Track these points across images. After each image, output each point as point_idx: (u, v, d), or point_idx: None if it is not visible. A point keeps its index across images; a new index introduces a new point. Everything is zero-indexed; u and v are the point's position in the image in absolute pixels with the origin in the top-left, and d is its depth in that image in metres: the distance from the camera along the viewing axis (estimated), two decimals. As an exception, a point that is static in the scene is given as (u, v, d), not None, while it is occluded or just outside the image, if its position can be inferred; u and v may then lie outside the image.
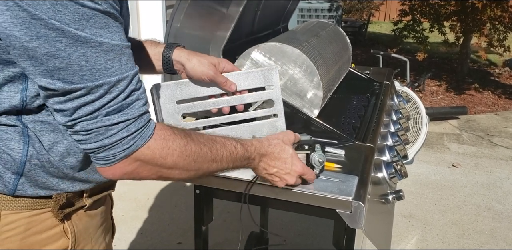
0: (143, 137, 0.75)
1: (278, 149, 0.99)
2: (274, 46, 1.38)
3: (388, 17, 10.97)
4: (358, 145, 1.32)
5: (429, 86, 5.87)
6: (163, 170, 0.80)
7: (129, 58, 0.73)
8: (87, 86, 0.69)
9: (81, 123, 0.72)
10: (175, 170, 0.81)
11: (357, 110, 1.61)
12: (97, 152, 0.74)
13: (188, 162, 0.81)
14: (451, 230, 2.77)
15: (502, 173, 3.56)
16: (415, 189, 3.27)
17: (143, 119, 0.75)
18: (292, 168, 1.00)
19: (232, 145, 0.89)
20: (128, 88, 0.73)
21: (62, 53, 0.66)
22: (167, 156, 0.78)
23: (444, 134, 4.40)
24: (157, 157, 0.77)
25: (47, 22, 0.64)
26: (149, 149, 0.76)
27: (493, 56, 7.04)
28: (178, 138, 0.79)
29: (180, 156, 0.79)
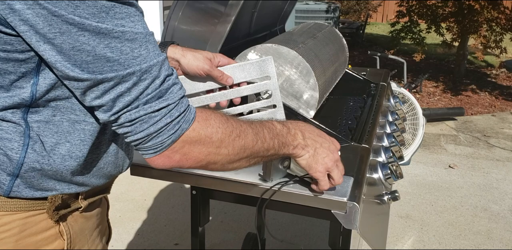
0: (187, 120, 0.75)
1: (308, 125, 0.99)
2: (271, 48, 1.39)
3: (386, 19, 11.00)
4: (353, 146, 1.32)
5: (426, 88, 5.88)
6: (211, 151, 0.78)
7: (155, 45, 0.73)
8: (118, 75, 0.69)
9: (124, 115, 0.72)
10: (223, 148, 0.79)
11: (353, 112, 1.62)
12: (144, 141, 0.74)
13: (233, 137, 0.80)
14: (447, 230, 2.78)
15: (498, 174, 3.58)
16: (412, 190, 3.28)
17: (183, 103, 0.75)
18: (333, 142, 0.99)
19: (268, 121, 0.89)
20: (162, 74, 0.73)
21: (87, 46, 0.67)
22: (212, 134, 0.77)
23: (441, 135, 4.42)
24: (203, 137, 0.77)
25: (67, 18, 0.65)
26: (195, 131, 0.76)
27: (490, 58, 7.07)
28: (219, 116, 0.79)
29: (224, 132, 0.78)
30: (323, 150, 0.96)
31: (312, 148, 0.95)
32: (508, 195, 3.24)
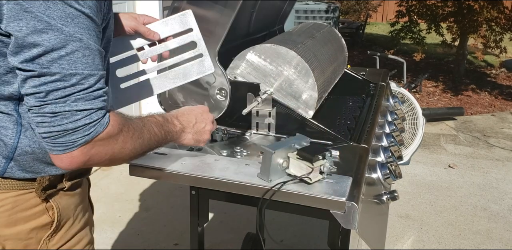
0: (102, 124, 0.83)
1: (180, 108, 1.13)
2: (269, 48, 1.39)
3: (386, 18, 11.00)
4: (352, 146, 1.33)
5: (426, 87, 5.88)
6: (116, 151, 0.87)
7: (101, 61, 0.83)
8: (62, 73, 0.78)
9: (50, 106, 0.79)
10: (126, 148, 0.89)
11: (352, 111, 1.62)
12: (58, 136, 0.80)
13: (134, 139, 0.90)
14: (447, 230, 2.78)
15: (498, 173, 3.58)
16: (411, 190, 3.28)
17: (103, 111, 0.84)
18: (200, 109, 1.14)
19: (149, 115, 1.01)
20: (97, 85, 0.82)
21: (47, 43, 0.77)
22: (118, 137, 0.87)
23: (440, 135, 4.42)
24: (113, 139, 0.86)
25: (37, 15, 0.75)
26: (108, 133, 0.84)
27: (490, 57, 7.06)
28: (123, 121, 0.89)
29: (127, 134, 0.88)
30: (200, 123, 1.11)
31: (190, 126, 1.09)
32: (508, 194, 3.24)
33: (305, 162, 1.06)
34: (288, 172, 1.11)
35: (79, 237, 1.06)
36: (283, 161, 1.10)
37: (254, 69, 1.41)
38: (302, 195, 1.06)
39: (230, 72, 1.43)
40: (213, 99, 1.40)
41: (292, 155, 1.10)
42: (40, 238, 0.98)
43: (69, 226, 1.03)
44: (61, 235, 1.01)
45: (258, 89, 1.36)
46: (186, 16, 1.20)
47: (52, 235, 0.99)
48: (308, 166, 1.06)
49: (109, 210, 2.86)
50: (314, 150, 1.08)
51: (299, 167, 1.08)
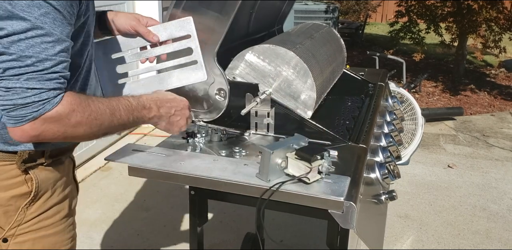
0: (51, 103, 0.90)
1: (163, 93, 1.18)
2: (268, 48, 1.39)
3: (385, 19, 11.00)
4: (351, 146, 1.33)
5: (425, 87, 5.89)
6: (68, 129, 0.94)
7: (63, 49, 0.91)
8: (18, 54, 0.86)
9: (5, 81, 0.87)
10: (80, 128, 0.95)
11: (351, 112, 1.62)
12: (10, 109, 0.89)
13: (90, 120, 0.96)
14: (446, 230, 2.79)
15: (497, 173, 3.58)
16: (410, 190, 3.28)
17: (56, 92, 0.90)
18: (182, 102, 1.19)
19: (125, 98, 1.05)
20: (53, 69, 0.89)
21: (9, 27, 0.85)
22: (71, 117, 0.93)
23: (440, 135, 4.42)
24: (63, 118, 0.92)
25: (2, 4, 0.85)
26: (57, 112, 0.91)
27: (489, 57, 7.07)
28: (81, 102, 0.95)
29: (83, 115, 0.94)
30: (176, 116, 1.17)
31: (166, 116, 1.15)
32: (507, 194, 3.24)
33: (304, 162, 1.07)
34: (286, 172, 1.11)
35: (57, 209, 1.14)
36: (281, 161, 1.10)
37: (253, 70, 1.42)
38: (301, 195, 1.06)
39: (229, 72, 1.43)
40: (212, 100, 1.41)
41: (290, 155, 1.10)
42: (19, 205, 1.06)
43: (47, 197, 1.11)
44: (39, 205, 1.09)
45: (257, 89, 1.37)
46: (186, 22, 1.24)
47: (30, 204, 1.07)
48: (306, 166, 1.06)
49: (109, 210, 2.86)
50: (312, 150, 1.09)
51: (297, 167, 1.09)
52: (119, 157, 1.24)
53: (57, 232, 1.14)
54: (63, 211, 1.16)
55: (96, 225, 2.70)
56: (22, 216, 1.07)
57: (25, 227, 1.08)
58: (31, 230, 1.09)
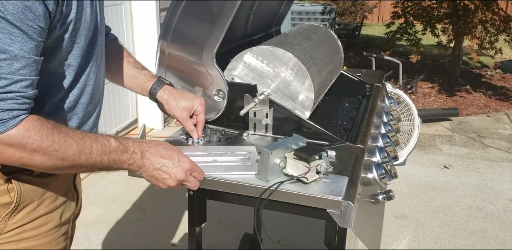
0: (5, 126, 0.85)
1: (162, 147, 1.06)
2: (266, 50, 1.40)
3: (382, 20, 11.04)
4: (348, 146, 1.34)
5: (422, 88, 5.91)
6: (24, 156, 0.89)
7: (24, 66, 0.85)
8: None
9: None
10: (36, 156, 0.89)
11: (348, 112, 1.63)
12: None
13: (50, 151, 0.90)
14: (443, 230, 2.80)
15: (493, 174, 3.60)
16: (407, 190, 3.30)
17: (12, 113, 0.85)
18: (180, 164, 1.04)
19: (105, 138, 0.98)
20: (8, 88, 0.84)
21: None
22: (26, 144, 0.87)
23: (436, 136, 4.44)
24: (16, 143, 0.86)
25: None
26: (9, 136, 0.85)
27: (485, 58, 7.10)
28: (43, 129, 0.89)
29: (41, 145, 0.88)
30: (162, 173, 1.04)
31: (148, 169, 1.04)
32: (503, 194, 3.26)
33: (302, 162, 1.08)
34: (285, 172, 1.13)
35: (44, 220, 1.09)
36: (280, 161, 1.11)
37: (251, 71, 1.43)
38: (299, 195, 1.07)
39: (228, 73, 1.44)
40: (210, 101, 1.42)
41: (289, 155, 1.11)
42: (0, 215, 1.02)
43: (33, 208, 1.06)
44: (23, 215, 1.04)
45: (255, 90, 1.38)
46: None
47: (12, 214, 1.03)
48: (305, 165, 1.08)
49: (106, 211, 2.87)
50: (310, 150, 1.10)
51: (296, 167, 1.10)
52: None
53: (43, 244, 1.09)
54: (51, 222, 1.11)
55: (94, 225, 2.70)
56: (3, 225, 1.02)
57: (6, 237, 1.03)
58: (12, 241, 1.04)
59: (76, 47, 1.00)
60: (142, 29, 4.04)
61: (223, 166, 1.20)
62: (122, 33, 3.87)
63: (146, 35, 4.03)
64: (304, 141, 1.16)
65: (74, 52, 1.00)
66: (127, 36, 3.96)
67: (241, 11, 1.62)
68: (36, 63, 0.88)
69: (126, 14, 3.92)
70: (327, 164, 1.09)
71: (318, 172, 1.10)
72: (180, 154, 1.06)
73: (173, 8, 1.37)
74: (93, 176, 3.32)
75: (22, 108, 0.87)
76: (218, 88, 1.39)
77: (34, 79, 0.89)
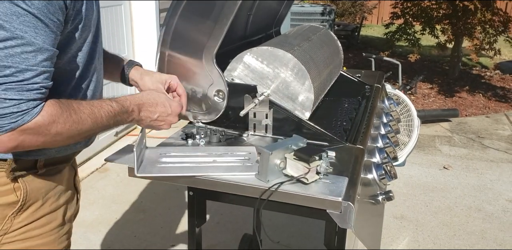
0: (30, 114, 0.88)
1: (152, 95, 1.14)
2: (266, 50, 1.41)
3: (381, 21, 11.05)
4: (348, 147, 1.34)
5: (421, 89, 5.92)
6: (48, 139, 0.92)
7: (46, 58, 0.89)
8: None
9: None
10: (59, 137, 0.94)
11: (348, 113, 1.64)
12: None
13: (71, 130, 0.94)
14: (442, 231, 2.80)
15: (492, 174, 3.60)
16: (406, 191, 3.30)
17: (35, 102, 0.88)
18: (172, 109, 1.16)
19: (108, 104, 1.03)
20: (34, 79, 0.87)
21: None
22: (51, 128, 0.91)
23: (435, 136, 4.45)
24: (42, 129, 0.90)
25: None
26: (35, 124, 0.89)
27: (484, 59, 7.11)
28: (63, 112, 0.93)
29: (63, 126, 0.92)
30: (158, 122, 1.15)
31: (146, 121, 1.14)
32: (502, 195, 3.27)
33: (302, 162, 1.08)
34: (285, 173, 1.13)
35: (47, 219, 1.10)
36: (280, 162, 1.12)
37: (251, 72, 1.43)
38: (299, 195, 1.07)
39: (228, 74, 1.44)
40: (210, 101, 1.42)
41: (289, 155, 1.11)
42: (5, 214, 1.03)
43: (37, 207, 1.08)
44: (28, 214, 1.06)
45: (255, 91, 1.38)
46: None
47: (18, 213, 1.04)
48: (305, 166, 1.08)
49: (105, 212, 2.87)
50: (310, 151, 1.10)
51: (296, 167, 1.10)
52: (119, 158, 1.24)
53: (47, 243, 1.11)
54: (55, 221, 1.13)
55: (93, 226, 2.70)
56: (9, 225, 1.04)
57: (11, 236, 1.05)
58: (18, 240, 1.06)
59: (85, 44, 1.03)
60: (141, 29, 4.04)
61: (223, 166, 1.20)
62: (122, 34, 3.87)
63: (145, 36, 4.03)
64: (304, 142, 1.16)
65: (83, 48, 1.04)
66: (126, 36, 3.95)
67: (241, 12, 1.62)
68: (55, 56, 0.92)
69: (125, 14, 3.92)
70: (327, 165, 1.09)
71: (318, 173, 1.10)
72: (167, 98, 1.16)
73: (173, 9, 1.37)
74: (93, 176, 3.32)
75: (43, 97, 0.90)
76: (218, 89, 1.40)
77: (52, 71, 0.92)
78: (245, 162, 1.22)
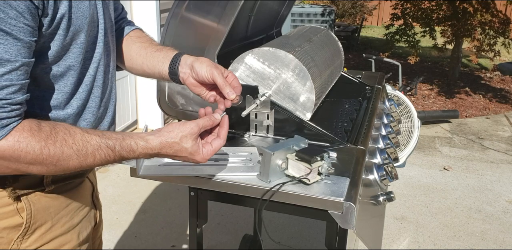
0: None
1: (174, 148, 0.93)
2: (268, 51, 1.41)
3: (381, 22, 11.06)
4: (349, 148, 1.34)
5: (421, 90, 5.92)
6: (21, 167, 0.81)
7: (9, 71, 0.77)
8: None
9: None
10: (33, 167, 0.82)
11: (349, 114, 1.64)
12: None
13: (47, 163, 0.82)
14: (442, 232, 2.81)
15: (492, 175, 3.61)
16: (407, 192, 3.30)
17: (0, 123, 0.77)
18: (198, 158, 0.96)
19: (109, 147, 0.87)
20: None
21: None
22: (19, 157, 0.79)
23: (435, 137, 4.45)
24: (8, 156, 0.79)
25: None
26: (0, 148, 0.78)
27: (484, 61, 7.12)
28: (35, 140, 0.80)
29: (35, 158, 0.80)
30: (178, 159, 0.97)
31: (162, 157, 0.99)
32: (502, 196, 3.27)
33: (304, 163, 1.08)
34: (287, 173, 1.13)
35: (60, 241, 0.99)
36: (282, 162, 1.12)
37: (253, 72, 1.43)
38: (301, 196, 1.08)
39: (229, 75, 1.44)
40: (212, 102, 1.42)
41: (291, 156, 1.12)
42: (11, 238, 0.93)
43: (47, 229, 0.96)
44: (36, 237, 0.95)
45: (257, 91, 1.38)
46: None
47: (24, 237, 0.94)
48: (306, 167, 1.08)
49: (106, 212, 2.86)
50: (312, 151, 1.10)
51: (297, 168, 1.10)
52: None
53: None
54: (69, 243, 1.00)
55: (94, 226, 2.70)
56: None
57: None
58: None
59: (75, 45, 0.90)
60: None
61: (225, 167, 1.20)
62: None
63: (146, 37, 4.03)
64: (305, 142, 1.16)
65: (74, 50, 0.90)
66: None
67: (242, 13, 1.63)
68: (26, 65, 0.80)
69: (126, 15, 3.92)
70: (328, 165, 1.10)
71: (320, 173, 1.10)
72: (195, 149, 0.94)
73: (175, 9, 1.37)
74: (93, 177, 3.32)
75: (11, 116, 0.79)
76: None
77: (24, 84, 0.80)
78: (246, 163, 1.22)
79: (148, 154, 0.92)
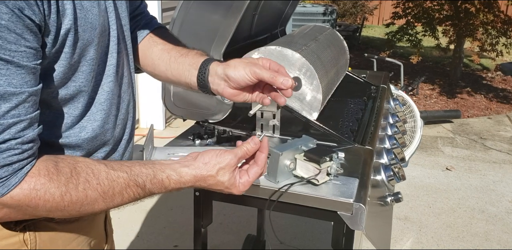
0: (6, 185, 0.68)
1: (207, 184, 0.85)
2: (274, 50, 1.39)
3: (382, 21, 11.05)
4: (357, 148, 1.33)
5: (423, 90, 5.91)
6: (40, 214, 0.73)
7: (16, 106, 0.67)
8: None
9: None
10: (55, 213, 0.74)
11: (354, 114, 1.63)
12: None
13: (69, 210, 0.73)
14: (445, 232, 2.79)
15: (495, 176, 3.60)
16: (410, 192, 3.29)
17: (11, 168, 0.68)
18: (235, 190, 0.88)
19: (138, 185, 0.78)
20: (0, 137, 0.66)
21: None
22: (37, 206, 0.71)
23: (438, 137, 4.44)
24: (25, 206, 0.70)
25: None
26: (13, 199, 0.69)
27: (486, 61, 7.11)
28: (54, 187, 0.71)
29: (55, 206, 0.71)
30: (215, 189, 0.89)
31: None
32: (505, 197, 3.26)
33: (313, 163, 1.07)
34: (295, 174, 1.12)
35: None
36: (290, 163, 1.10)
37: (259, 71, 1.42)
38: (310, 197, 1.06)
39: (235, 74, 1.43)
40: (218, 101, 1.41)
41: (299, 156, 1.10)
42: None
43: None
44: None
45: None
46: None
47: None
48: (315, 167, 1.07)
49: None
50: (321, 152, 1.09)
51: (306, 168, 1.09)
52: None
53: None
54: None
55: (96, 226, 2.69)
56: None
57: None
58: None
59: (84, 62, 0.79)
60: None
61: None
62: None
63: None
64: (314, 142, 1.15)
65: (83, 69, 0.79)
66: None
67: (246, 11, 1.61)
68: (34, 95, 0.69)
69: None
70: (337, 166, 1.08)
71: (329, 174, 1.09)
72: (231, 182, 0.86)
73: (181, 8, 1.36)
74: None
75: (24, 158, 0.69)
76: None
77: (33, 116, 0.70)
78: None
79: (180, 188, 0.85)
